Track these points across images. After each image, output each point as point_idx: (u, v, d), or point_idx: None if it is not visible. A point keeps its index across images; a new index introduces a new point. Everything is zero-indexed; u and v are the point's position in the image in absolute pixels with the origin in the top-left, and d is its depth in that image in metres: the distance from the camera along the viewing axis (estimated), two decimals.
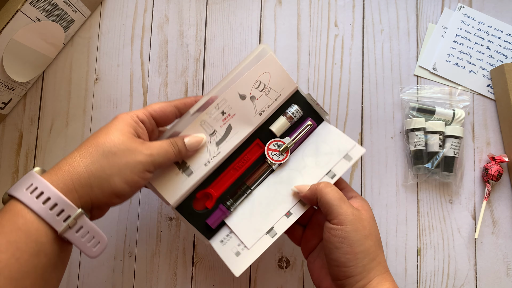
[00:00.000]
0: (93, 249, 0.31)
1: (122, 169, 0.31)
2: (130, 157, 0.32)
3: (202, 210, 0.39)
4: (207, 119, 0.38)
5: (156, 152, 0.34)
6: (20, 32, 0.42)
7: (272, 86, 0.40)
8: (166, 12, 0.52)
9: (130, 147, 0.32)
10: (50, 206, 0.28)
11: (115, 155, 0.31)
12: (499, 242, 0.48)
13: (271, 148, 0.40)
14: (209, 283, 0.48)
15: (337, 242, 0.34)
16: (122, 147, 0.32)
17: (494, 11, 0.52)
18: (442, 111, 0.48)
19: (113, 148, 0.32)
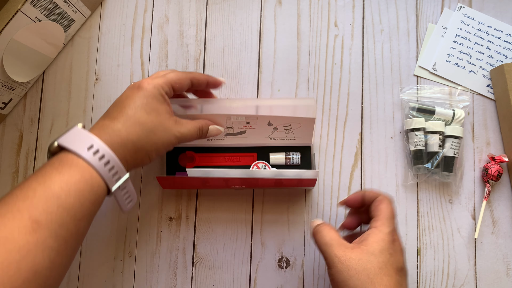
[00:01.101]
0: (128, 205, 0.37)
1: (158, 146, 0.36)
2: (166, 136, 0.37)
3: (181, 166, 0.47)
4: (233, 118, 0.43)
5: (186, 134, 0.38)
6: (20, 32, 0.42)
7: (295, 131, 0.45)
8: (166, 12, 0.52)
9: (167, 127, 0.37)
10: (105, 163, 0.32)
11: (154, 133, 0.36)
12: (499, 242, 0.48)
13: (258, 165, 0.47)
14: (209, 283, 0.48)
15: (331, 283, 0.37)
16: (160, 128, 0.36)
17: (494, 11, 0.52)
18: (442, 111, 0.48)
19: (153, 128, 0.36)
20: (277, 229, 0.48)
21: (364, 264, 0.34)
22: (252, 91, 0.51)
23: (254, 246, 0.48)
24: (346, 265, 0.35)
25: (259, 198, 0.49)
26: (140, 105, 0.36)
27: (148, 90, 0.37)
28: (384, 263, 0.35)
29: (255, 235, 0.48)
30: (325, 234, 0.38)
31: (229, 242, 0.48)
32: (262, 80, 0.51)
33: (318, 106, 0.50)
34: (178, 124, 0.38)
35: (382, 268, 0.35)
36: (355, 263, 0.35)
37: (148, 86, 0.37)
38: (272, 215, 0.49)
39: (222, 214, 0.49)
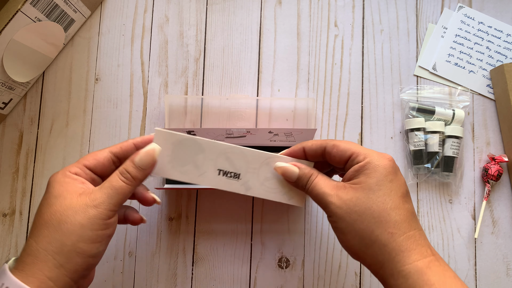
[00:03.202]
0: None
1: (81, 233, 0.30)
2: (81, 217, 0.30)
3: None
4: (233, 130, 0.43)
5: (105, 197, 0.31)
6: (20, 32, 0.42)
7: (295, 136, 0.45)
8: (166, 12, 0.52)
9: (76, 208, 0.30)
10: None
11: (66, 223, 0.30)
12: (499, 242, 0.48)
13: None
14: (209, 283, 0.48)
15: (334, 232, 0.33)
16: (69, 212, 0.30)
17: (493, 11, 0.52)
18: (442, 111, 0.48)
19: (61, 218, 0.30)
20: (277, 229, 0.48)
21: (364, 204, 0.30)
22: (252, 91, 0.51)
23: (254, 246, 0.48)
24: (345, 209, 0.31)
25: (259, 198, 0.49)
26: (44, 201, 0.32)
27: (50, 182, 0.32)
28: (387, 194, 0.31)
29: (255, 235, 0.48)
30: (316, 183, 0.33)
31: (229, 242, 0.48)
32: (262, 80, 0.51)
33: (318, 106, 0.50)
34: (90, 195, 0.31)
35: (386, 201, 0.30)
36: (354, 204, 0.31)
37: (53, 176, 0.33)
38: (272, 215, 0.49)
39: (222, 214, 0.49)
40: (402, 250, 0.29)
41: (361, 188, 0.31)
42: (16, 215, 0.49)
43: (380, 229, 0.30)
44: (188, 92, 0.51)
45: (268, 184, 0.36)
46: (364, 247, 0.31)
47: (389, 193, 0.31)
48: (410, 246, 0.30)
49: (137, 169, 0.33)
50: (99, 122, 0.50)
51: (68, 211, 0.30)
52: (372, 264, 0.31)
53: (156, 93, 0.51)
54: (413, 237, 0.30)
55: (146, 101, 0.51)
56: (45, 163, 0.49)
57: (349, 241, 0.31)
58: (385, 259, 0.30)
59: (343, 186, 0.32)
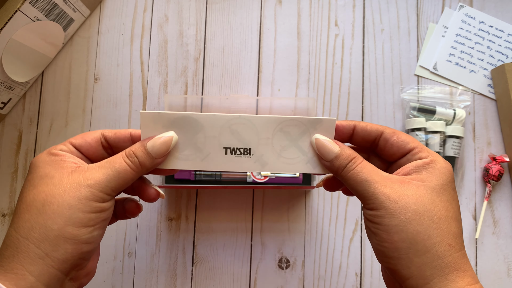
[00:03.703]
0: None
1: (69, 215, 0.26)
2: (70, 197, 0.26)
3: None
4: None
5: (103, 178, 0.27)
6: (19, 31, 0.42)
7: None
8: (166, 11, 0.52)
9: (66, 186, 0.26)
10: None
11: (51, 204, 0.26)
12: (500, 242, 0.48)
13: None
14: (209, 283, 0.48)
15: (373, 227, 0.27)
16: (56, 191, 0.26)
17: (494, 10, 0.52)
18: (443, 111, 0.48)
19: (46, 199, 0.26)
20: (277, 229, 0.48)
21: (425, 204, 0.26)
22: (252, 90, 0.51)
23: (254, 246, 0.48)
24: (401, 205, 0.26)
25: (259, 198, 0.49)
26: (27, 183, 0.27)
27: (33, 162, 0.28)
28: (450, 202, 0.27)
29: (255, 236, 0.48)
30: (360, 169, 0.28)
31: (229, 242, 0.48)
32: (262, 80, 0.51)
33: (318, 105, 0.50)
34: (85, 172, 0.27)
35: (448, 209, 0.27)
36: (414, 202, 0.26)
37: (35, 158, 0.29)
38: (272, 215, 0.49)
39: (222, 214, 0.49)
40: (457, 269, 0.25)
41: (424, 187, 0.27)
42: None
43: (439, 237, 0.26)
44: (188, 92, 0.51)
45: (287, 154, 0.31)
46: (412, 254, 0.26)
47: (452, 201, 0.27)
48: (464, 266, 0.26)
49: (147, 155, 0.28)
50: (99, 122, 0.50)
51: (55, 191, 0.26)
52: (414, 277, 0.26)
53: (156, 92, 0.51)
54: (465, 257, 0.27)
55: (146, 101, 0.50)
56: None
57: (396, 243, 0.26)
58: (435, 273, 0.25)
59: (400, 179, 0.28)
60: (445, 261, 0.25)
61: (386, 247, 0.27)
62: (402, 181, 0.27)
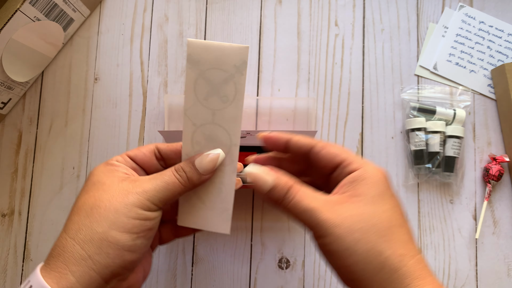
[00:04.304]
0: None
1: (114, 219, 0.26)
2: (117, 202, 0.27)
3: None
4: None
5: (152, 187, 0.28)
6: (19, 31, 0.42)
7: None
8: (165, 11, 0.52)
9: (115, 192, 0.27)
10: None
11: (99, 208, 0.26)
12: (500, 242, 0.48)
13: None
14: (209, 283, 0.48)
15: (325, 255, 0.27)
16: (105, 196, 0.27)
17: (495, 10, 0.52)
18: (443, 111, 0.48)
19: (95, 202, 0.27)
20: (277, 229, 0.48)
21: (369, 220, 0.26)
22: (252, 90, 0.51)
23: (254, 246, 0.48)
24: (346, 228, 0.25)
25: (259, 198, 0.49)
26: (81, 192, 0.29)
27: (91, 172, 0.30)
28: (391, 209, 0.26)
29: (255, 236, 0.48)
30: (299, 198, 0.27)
31: (229, 242, 0.48)
32: (262, 80, 0.51)
33: (319, 105, 0.50)
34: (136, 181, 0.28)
35: (391, 218, 0.26)
36: (357, 221, 0.26)
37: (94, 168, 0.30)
38: (272, 214, 0.48)
39: None
40: (416, 277, 0.25)
41: (363, 201, 0.26)
42: (15, 215, 0.48)
43: (389, 250, 0.25)
44: None
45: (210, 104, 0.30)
46: (370, 273, 0.25)
47: (393, 209, 0.27)
48: (422, 273, 0.25)
49: (195, 171, 0.29)
50: (98, 122, 0.50)
51: (104, 195, 0.27)
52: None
53: (156, 92, 0.50)
54: (422, 262, 0.26)
55: (146, 101, 0.50)
56: (44, 163, 0.49)
57: (351, 266, 0.25)
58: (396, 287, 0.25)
59: (338, 200, 0.27)
60: (402, 272, 0.25)
61: (344, 273, 0.26)
62: (341, 201, 0.27)
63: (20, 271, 0.48)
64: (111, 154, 0.49)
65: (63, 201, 0.49)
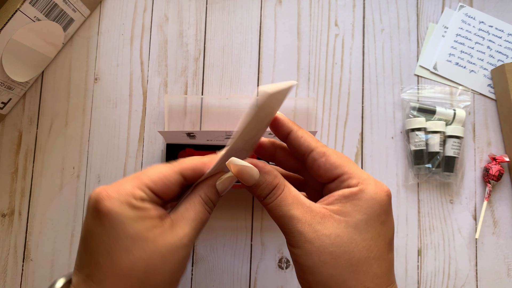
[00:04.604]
0: None
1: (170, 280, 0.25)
2: (172, 264, 0.25)
3: None
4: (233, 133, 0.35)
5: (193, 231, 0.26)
6: (19, 31, 0.42)
7: None
8: (165, 11, 0.52)
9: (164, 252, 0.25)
10: None
11: (155, 274, 0.24)
12: (500, 242, 0.48)
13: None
14: (209, 283, 0.48)
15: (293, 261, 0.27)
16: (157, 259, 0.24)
17: (495, 10, 0.52)
18: (443, 111, 0.48)
19: (148, 268, 0.24)
20: (278, 229, 0.48)
21: (344, 246, 0.24)
22: (252, 90, 0.51)
23: (254, 246, 0.48)
24: (318, 246, 0.24)
25: None
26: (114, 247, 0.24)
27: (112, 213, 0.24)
28: (374, 239, 0.25)
29: (255, 236, 0.48)
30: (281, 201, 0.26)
31: (229, 242, 0.48)
32: (262, 80, 0.51)
33: (319, 106, 0.50)
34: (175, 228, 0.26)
35: (370, 248, 0.24)
36: (331, 243, 0.24)
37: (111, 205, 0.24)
38: None
39: (222, 214, 0.49)
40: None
41: (346, 223, 0.25)
42: (15, 215, 0.48)
43: (355, 280, 0.24)
44: (188, 92, 0.51)
45: None
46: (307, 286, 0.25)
47: (377, 238, 0.25)
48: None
49: (218, 195, 0.29)
50: (98, 122, 0.50)
51: (155, 258, 0.24)
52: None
53: (156, 92, 0.50)
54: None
55: (146, 101, 0.50)
56: (44, 163, 0.49)
57: (310, 284, 0.25)
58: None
59: (321, 213, 0.25)
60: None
61: (303, 284, 0.26)
62: (323, 215, 0.25)
63: (20, 271, 0.48)
64: (111, 154, 0.49)
65: (63, 201, 0.49)
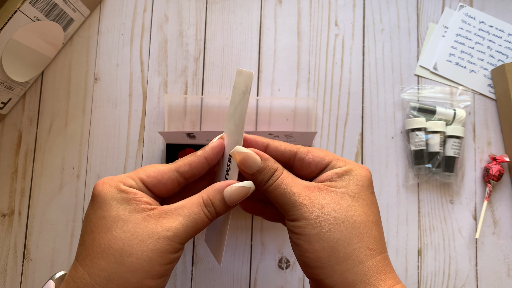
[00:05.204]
0: None
1: (149, 269, 0.25)
2: (150, 250, 0.25)
3: None
4: None
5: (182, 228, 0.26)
6: (19, 31, 0.42)
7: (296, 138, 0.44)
8: (165, 11, 0.52)
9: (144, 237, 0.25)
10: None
11: (131, 256, 0.25)
12: (500, 242, 0.48)
13: None
14: (209, 283, 0.47)
15: (295, 238, 0.27)
16: (135, 241, 0.25)
17: (495, 10, 0.52)
18: (443, 111, 0.48)
19: (124, 248, 0.25)
20: (277, 229, 0.48)
21: (344, 211, 0.26)
22: (252, 90, 0.51)
23: (254, 246, 0.48)
24: (321, 214, 0.26)
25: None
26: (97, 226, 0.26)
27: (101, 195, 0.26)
28: (369, 206, 0.27)
29: (255, 236, 0.48)
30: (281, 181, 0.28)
31: (229, 242, 0.48)
32: (262, 80, 0.51)
33: (319, 106, 0.50)
34: (163, 220, 0.26)
35: (368, 213, 0.27)
36: (333, 209, 0.26)
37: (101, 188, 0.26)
38: None
39: None
40: (379, 272, 0.25)
41: (342, 193, 0.27)
42: (15, 216, 0.48)
43: (359, 242, 0.26)
44: (188, 92, 0.50)
45: None
46: (334, 262, 0.25)
47: (371, 205, 0.28)
48: (385, 269, 0.26)
49: (224, 204, 0.28)
50: (98, 122, 0.50)
51: (133, 240, 0.25)
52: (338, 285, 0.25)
53: (156, 92, 0.50)
54: (387, 259, 0.27)
55: (146, 101, 0.50)
56: (44, 163, 0.49)
57: (317, 252, 0.26)
58: (357, 279, 0.25)
59: (318, 187, 0.28)
60: (366, 266, 0.25)
61: (308, 257, 0.26)
62: (320, 188, 0.27)
63: (20, 271, 0.48)
64: (111, 154, 0.49)
65: (63, 201, 0.49)
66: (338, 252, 0.26)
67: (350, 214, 0.26)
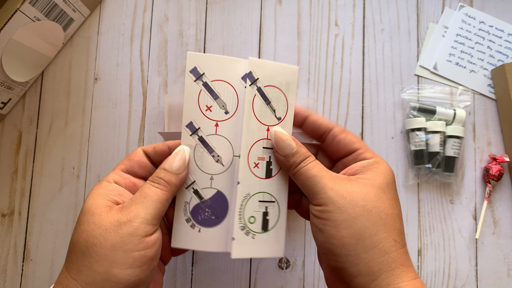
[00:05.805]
0: None
1: (113, 256, 0.25)
2: (112, 237, 0.25)
3: None
4: None
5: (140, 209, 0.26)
6: (19, 31, 0.42)
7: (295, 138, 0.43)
8: (165, 11, 0.52)
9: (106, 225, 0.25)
10: None
11: (94, 245, 0.25)
12: (500, 242, 0.48)
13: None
14: (209, 283, 0.48)
15: (320, 224, 0.27)
16: (97, 231, 0.25)
17: (495, 10, 0.52)
18: (443, 111, 0.48)
19: (88, 239, 0.25)
20: None
21: (373, 201, 0.27)
22: None
23: None
24: (350, 200, 0.26)
25: None
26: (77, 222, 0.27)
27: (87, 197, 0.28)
28: (394, 200, 0.28)
29: None
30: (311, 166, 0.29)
31: None
32: None
33: (319, 106, 0.50)
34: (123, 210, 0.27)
35: (393, 206, 0.27)
36: (362, 198, 0.26)
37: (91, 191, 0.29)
38: None
39: None
40: (402, 264, 0.26)
41: (371, 184, 0.28)
42: (15, 216, 0.48)
43: (386, 233, 0.26)
44: None
45: None
46: (360, 250, 0.25)
47: (396, 200, 0.28)
48: (407, 262, 0.26)
49: (170, 174, 0.29)
50: (98, 122, 0.50)
51: (96, 230, 0.25)
52: (362, 274, 0.25)
53: (156, 92, 0.50)
54: (408, 253, 0.27)
55: (146, 101, 0.50)
56: (44, 163, 0.49)
57: (344, 238, 0.26)
58: (382, 269, 0.25)
59: (347, 177, 0.28)
60: (391, 256, 0.26)
61: (334, 244, 0.26)
62: (350, 179, 0.28)
63: (20, 271, 0.48)
64: (111, 154, 0.49)
65: (63, 201, 0.49)
66: (365, 240, 0.26)
67: (378, 205, 0.27)
